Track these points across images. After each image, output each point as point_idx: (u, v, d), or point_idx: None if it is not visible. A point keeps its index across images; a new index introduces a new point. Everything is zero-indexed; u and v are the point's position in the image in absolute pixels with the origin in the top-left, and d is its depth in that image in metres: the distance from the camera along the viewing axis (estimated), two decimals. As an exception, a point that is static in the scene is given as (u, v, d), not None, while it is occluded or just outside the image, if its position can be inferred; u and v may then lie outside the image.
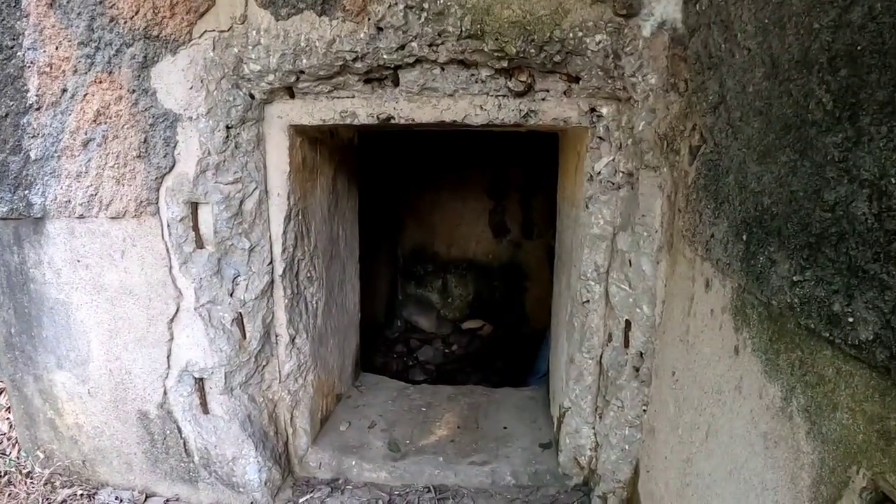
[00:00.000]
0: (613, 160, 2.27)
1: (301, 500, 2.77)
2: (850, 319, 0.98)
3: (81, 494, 2.83)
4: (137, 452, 2.76)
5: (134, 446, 2.75)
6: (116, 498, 2.79)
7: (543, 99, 2.28)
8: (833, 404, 1.03)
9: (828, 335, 1.04)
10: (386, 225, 5.24)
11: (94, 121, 2.31)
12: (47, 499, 2.79)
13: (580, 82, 2.19)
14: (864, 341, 0.94)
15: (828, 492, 1.04)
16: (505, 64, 2.14)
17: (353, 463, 2.90)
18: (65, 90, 2.29)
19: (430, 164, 5.32)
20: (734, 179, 1.49)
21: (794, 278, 1.16)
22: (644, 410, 2.27)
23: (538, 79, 2.23)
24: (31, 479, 2.88)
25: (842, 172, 1.02)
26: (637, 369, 2.25)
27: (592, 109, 2.26)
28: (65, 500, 2.79)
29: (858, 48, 0.97)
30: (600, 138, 2.29)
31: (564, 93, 2.26)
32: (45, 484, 2.86)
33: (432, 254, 5.70)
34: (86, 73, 2.27)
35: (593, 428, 2.58)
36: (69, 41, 2.23)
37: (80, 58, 2.25)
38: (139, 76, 2.27)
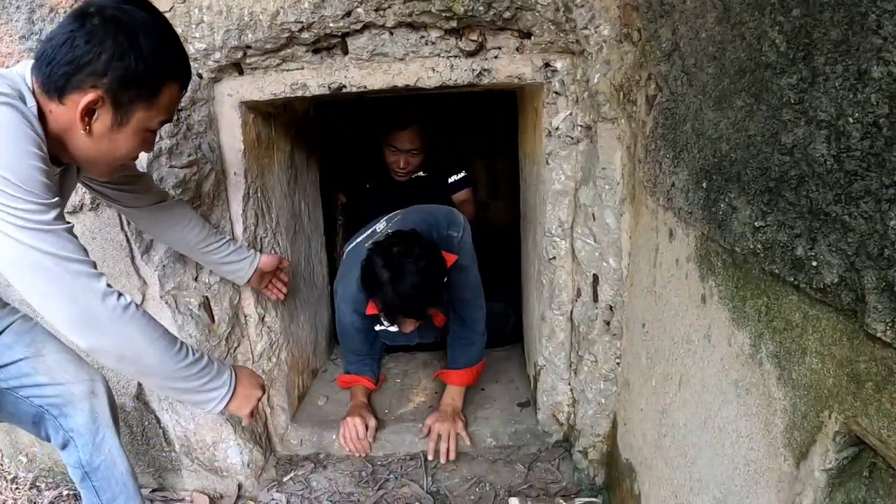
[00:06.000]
0: (571, 114, 2.25)
1: (285, 479, 2.76)
2: (814, 263, 0.97)
3: (67, 495, 2.80)
4: (118, 447, 2.72)
5: (114, 440, 2.71)
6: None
7: (496, 57, 2.24)
8: (802, 349, 1.03)
9: (793, 280, 1.04)
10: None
11: (44, 116, 2.24)
12: (34, 502, 2.76)
13: (532, 38, 2.15)
14: (829, 285, 0.94)
15: (801, 437, 1.04)
16: (454, 24, 2.10)
17: (334, 437, 2.89)
18: (10, 87, 2.21)
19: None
20: (691, 127, 1.48)
21: (756, 224, 1.16)
22: (617, 364, 2.28)
23: (489, 37, 2.19)
24: (17, 484, 2.85)
25: (798, 114, 1.01)
26: (608, 323, 2.26)
27: (546, 64, 2.23)
28: (51, 503, 2.76)
29: (808, -14, 0.95)
30: (556, 93, 2.26)
31: (517, 49, 2.22)
32: (31, 488, 2.83)
33: (400, 220, 5.64)
34: (30, 67, 2.19)
35: (569, 384, 2.59)
36: (10, 36, 2.15)
37: (22, 52, 2.17)
38: (83, 65, 2.19)
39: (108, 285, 1.49)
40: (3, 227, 1.32)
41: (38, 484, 2.85)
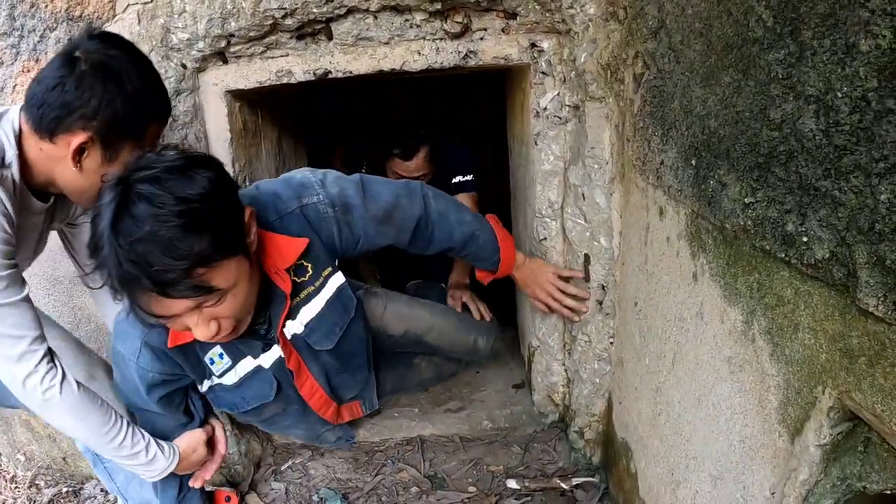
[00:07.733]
0: (558, 94, 2.23)
1: (283, 468, 2.76)
2: (805, 239, 0.97)
3: (67, 492, 2.80)
4: (114, 441, 2.72)
5: (110, 435, 2.71)
6: (101, 490, 2.76)
7: (482, 38, 2.22)
8: (794, 325, 1.03)
9: (783, 256, 1.04)
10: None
11: (27, 112, 2.22)
12: (33, 501, 2.76)
13: (517, 18, 2.14)
14: (820, 260, 0.93)
15: (795, 413, 1.04)
16: (438, 6, 2.08)
17: (330, 424, 2.89)
18: (-6, 85, 2.21)
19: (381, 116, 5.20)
20: (679, 104, 1.47)
21: (746, 200, 1.15)
22: (611, 343, 2.28)
23: (474, 18, 2.17)
24: (16, 482, 2.85)
25: (786, 89, 1.00)
26: (600, 302, 2.25)
27: (533, 45, 2.21)
28: (51, 500, 2.76)
29: (794, -41, 0.95)
30: (543, 73, 2.25)
31: (503, 30, 2.20)
32: (30, 486, 2.82)
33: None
34: (12, 63, 2.17)
35: (563, 364, 2.60)
36: (-9, 33, 2.15)
37: (4, 49, 2.15)
38: (66, 59, 2.18)
39: (43, 359, 1.58)
40: None
41: (37, 482, 2.85)
